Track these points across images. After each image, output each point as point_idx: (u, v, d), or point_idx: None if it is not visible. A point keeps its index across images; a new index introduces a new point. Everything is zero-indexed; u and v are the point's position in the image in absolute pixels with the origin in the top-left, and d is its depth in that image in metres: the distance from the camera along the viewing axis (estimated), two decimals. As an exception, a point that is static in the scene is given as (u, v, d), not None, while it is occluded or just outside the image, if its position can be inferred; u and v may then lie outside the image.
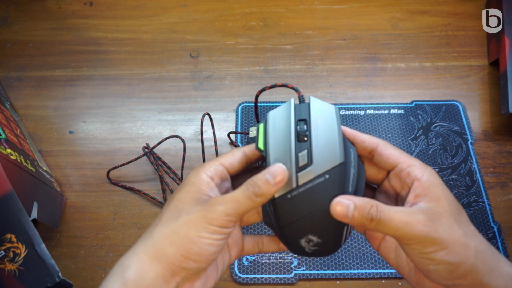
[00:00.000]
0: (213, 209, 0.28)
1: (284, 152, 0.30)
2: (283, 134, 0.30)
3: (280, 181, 0.28)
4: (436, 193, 0.29)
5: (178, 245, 0.28)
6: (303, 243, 0.31)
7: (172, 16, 0.71)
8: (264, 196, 0.28)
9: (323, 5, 0.72)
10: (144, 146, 0.58)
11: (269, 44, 0.68)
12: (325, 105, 0.31)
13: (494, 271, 0.28)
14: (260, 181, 0.28)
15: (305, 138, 0.30)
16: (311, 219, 0.29)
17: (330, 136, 0.30)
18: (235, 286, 0.49)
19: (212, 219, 0.28)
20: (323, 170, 0.29)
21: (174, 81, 0.65)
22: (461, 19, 0.70)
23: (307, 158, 0.29)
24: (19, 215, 0.39)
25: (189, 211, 0.29)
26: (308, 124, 0.30)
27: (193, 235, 0.28)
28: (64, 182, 0.57)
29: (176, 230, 0.28)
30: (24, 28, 0.70)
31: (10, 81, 0.65)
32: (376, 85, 0.64)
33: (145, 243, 0.29)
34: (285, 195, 0.29)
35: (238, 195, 0.28)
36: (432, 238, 0.27)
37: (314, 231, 0.30)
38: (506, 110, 0.57)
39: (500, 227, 0.53)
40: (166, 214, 0.30)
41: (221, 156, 0.33)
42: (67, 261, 0.51)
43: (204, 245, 0.28)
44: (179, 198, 0.30)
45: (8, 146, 0.45)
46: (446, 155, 0.58)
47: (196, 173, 0.31)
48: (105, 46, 0.68)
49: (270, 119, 0.32)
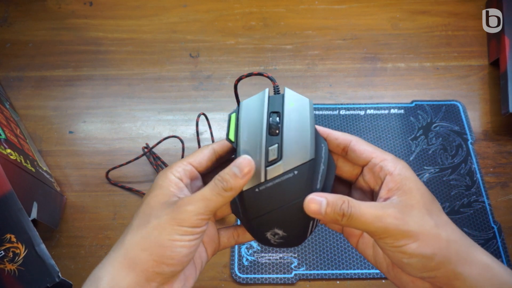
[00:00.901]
0: (182, 210, 0.28)
1: (255, 145, 0.29)
2: (255, 126, 0.30)
3: (247, 172, 0.27)
4: (408, 186, 0.29)
5: (150, 251, 0.27)
6: (269, 236, 0.31)
7: (172, 16, 0.71)
8: (234, 190, 0.28)
9: (323, 5, 0.72)
10: (143, 146, 0.58)
11: (269, 44, 0.68)
12: (300, 98, 0.31)
13: (467, 260, 0.28)
14: (227, 175, 0.28)
15: (277, 131, 0.30)
16: (278, 214, 0.29)
17: (302, 131, 0.29)
18: (235, 286, 0.49)
19: (182, 220, 0.27)
20: (292, 166, 0.29)
21: (174, 81, 0.65)
22: (461, 19, 0.70)
23: (277, 152, 0.29)
24: (19, 215, 0.39)
25: (158, 215, 0.28)
26: (281, 117, 0.30)
27: (164, 239, 0.27)
28: (64, 182, 0.57)
29: (146, 235, 0.28)
30: (24, 28, 0.70)
31: (10, 81, 0.65)
32: (376, 85, 0.64)
33: (117, 252, 0.28)
34: (253, 189, 0.29)
35: (207, 192, 0.28)
36: (403, 231, 0.27)
37: (280, 225, 0.30)
38: (506, 110, 0.57)
39: (500, 227, 0.52)
40: (135, 221, 0.29)
41: (189, 155, 0.32)
42: (67, 261, 0.51)
43: (176, 248, 0.27)
44: (147, 203, 0.30)
45: (7, 146, 0.45)
46: (446, 155, 0.58)
47: (164, 175, 0.31)
48: (105, 46, 0.68)
49: (243, 109, 0.31)
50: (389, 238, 0.27)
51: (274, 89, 0.32)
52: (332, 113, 0.61)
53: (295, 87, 0.64)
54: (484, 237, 0.52)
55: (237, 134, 0.30)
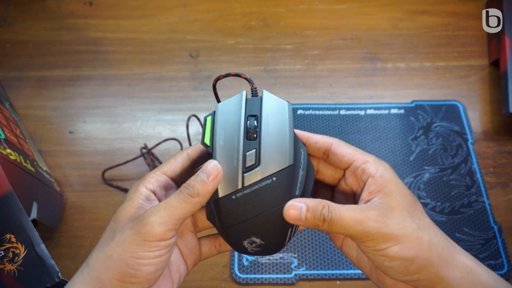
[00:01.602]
0: (145, 222, 0.26)
1: (231, 150, 0.28)
2: (232, 130, 0.29)
3: (215, 177, 0.27)
4: (390, 188, 0.28)
5: (112, 270, 0.26)
6: (246, 244, 0.30)
7: (172, 16, 0.71)
8: (201, 196, 0.27)
9: (323, 5, 0.72)
10: (142, 147, 0.58)
11: (269, 44, 0.68)
12: (278, 101, 0.30)
13: (450, 263, 0.27)
14: (194, 181, 0.27)
15: (255, 135, 0.29)
16: (255, 222, 0.28)
17: (281, 136, 0.28)
18: (235, 286, 0.49)
19: (146, 233, 0.26)
20: (270, 172, 0.28)
21: (174, 81, 0.65)
22: (461, 19, 0.70)
23: (255, 158, 0.28)
24: (19, 215, 0.39)
25: (122, 230, 0.27)
26: (259, 121, 0.29)
27: (127, 257, 0.26)
28: (64, 182, 0.57)
29: (109, 253, 0.26)
30: (24, 28, 0.70)
31: (10, 81, 0.65)
32: (376, 85, 0.64)
33: (82, 272, 0.27)
34: (230, 196, 0.28)
35: (172, 200, 0.27)
36: (384, 234, 0.26)
37: (257, 234, 0.29)
38: (506, 110, 0.57)
39: (500, 227, 0.52)
40: (102, 237, 0.28)
41: (162, 164, 0.31)
42: (67, 261, 0.51)
43: (140, 266, 0.26)
44: (115, 218, 0.28)
45: (7, 146, 0.45)
46: (446, 155, 0.58)
47: (136, 187, 0.29)
48: (105, 46, 0.68)
49: (219, 112, 0.30)
50: (370, 241, 0.27)
51: (252, 91, 0.31)
52: (332, 113, 0.61)
53: (295, 87, 0.64)
54: (484, 237, 0.52)
55: (213, 138, 0.29)
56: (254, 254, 0.31)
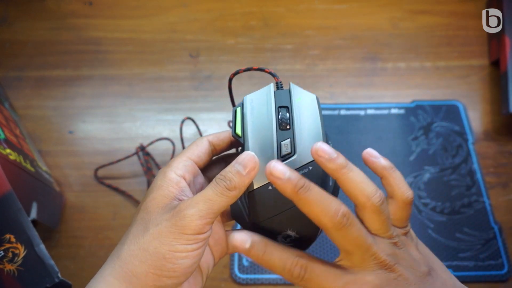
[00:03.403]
0: (183, 215, 0.25)
1: (265, 140, 0.28)
2: (264, 121, 0.28)
3: (252, 169, 0.26)
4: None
5: (149, 264, 0.25)
6: (280, 239, 0.29)
7: (172, 16, 0.71)
8: (238, 189, 0.26)
9: (323, 5, 0.72)
10: (137, 146, 0.58)
11: (269, 44, 0.68)
12: (306, 93, 0.30)
13: None
14: (230, 173, 0.26)
15: (288, 126, 0.28)
16: (292, 213, 0.27)
17: (314, 125, 0.28)
18: (235, 286, 0.49)
19: (183, 227, 0.25)
20: (307, 161, 0.27)
21: (174, 81, 0.65)
22: (462, 19, 0.70)
23: (290, 147, 0.28)
24: (19, 216, 0.39)
25: (157, 222, 0.26)
26: (290, 112, 0.29)
27: (165, 250, 0.25)
28: (64, 182, 0.56)
29: (144, 246, 0.25)
30: (24, 27, 0.70)
31: (10, 81, 0.65)
32: (376, 85, 0.64)
33: (113, 264, 0.26)
34: (265, 187, 0.27)
35: (209, 193, 0.26)
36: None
37: (293, 226, 0.28)
38: (506, 110, 0.57)
39: (500, 227, 0.52)
40: (133, 228, 0.27)
41: (186, 150, 0.30)
42: (67, 261, 0.51)
43: (178, 259, 0.25)
44: (145, 208, 0.27)
45: (7, 146, 0.45)
46: (447, 155, 0.58)
47: (163, 174, 0.28)
48: (104, 46, 0.68)
49: (247, 104, 0.30)
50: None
51: (277, 85, 0.31)
52: (332, 113, 0.61)
53: (295, 87, 0.64)
54: (484, 237, 0.52)
55: (244, 128, 0.29)
56: None
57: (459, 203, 0.54)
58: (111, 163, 0.56)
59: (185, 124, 0.61)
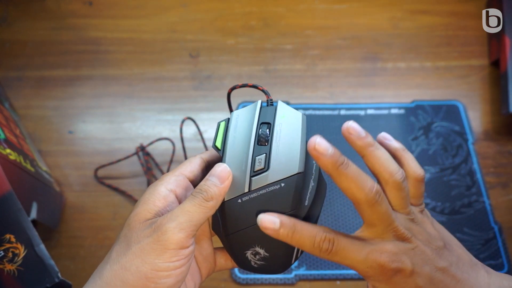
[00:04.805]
0: (165, 229, 0.25)
1: (241, 153, 0.28)
2: (244, 135, 0.29)
3: (226, 179, 0.27)
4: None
5: (131, 284, 0.25)
6: (249, 256, 0.29)
7: (172, 16, 0.71)
8: (215, 199, 0.26)
9: (323, 5, 0.72)
10: (137, 146, 0.58)
11: (269, 44, 0.68)
12: (292, 111, 0.30)
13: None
14: (205, 185, 0.26)
15: (266, 143, 0.28)
16: (260, 229, 0.27)
17: (292, 144, 0.28)
18: (235, 286, 0.49)
19: (166, 241, 0.24)
20: (279, 177, 0.27)
21: (174, 81, 0.65)
22: (462, 19, 0.70)
23: (264, 162, 0.28)
24: (18, 216, 0.39)
25: (138, 239, 0.25)
26: (271, 128, 0.29)
27: (147, 269, 0.24)
28: (64, 182, 0.56)
29: (126, 265, 0.25)
30: (24, 27, 0.70)
31: (10, 81, 0.65)
32: (376, 85, 0.64)
33: (94, 285, 0.26)
34: (235, 199, 0.28)
35: (187, 205, 0.26)
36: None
37: (262, 243, 0.28)
38: (506, 110, 0.57)
39: (501, 227, 0.52)
40: (116, 246, 0.26)
41: (179, 166, 0.30)
42: (67, 261, 0.51)
43: (161, 279, 0.25)
44: (128, 224, 0.27)
45: (7, 146, 0.45)
46: (447, 155, 0.58)
47: (153, 188, 0.28)
48: (104, 46, 0.68)
49: (233, 118, 0.30)
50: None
51: (267, 102, 0.31)
52: (332, 113, 0.61)
53: (295, 87, 0.64)
54: (484, 237, 0.52)
55: (225, 142, 0.29)
56: (259, 269, 0.30)
57: (459, 203, 0.54)
58: (111, 163, 0.56)
59: (185, 124, 0.61)
